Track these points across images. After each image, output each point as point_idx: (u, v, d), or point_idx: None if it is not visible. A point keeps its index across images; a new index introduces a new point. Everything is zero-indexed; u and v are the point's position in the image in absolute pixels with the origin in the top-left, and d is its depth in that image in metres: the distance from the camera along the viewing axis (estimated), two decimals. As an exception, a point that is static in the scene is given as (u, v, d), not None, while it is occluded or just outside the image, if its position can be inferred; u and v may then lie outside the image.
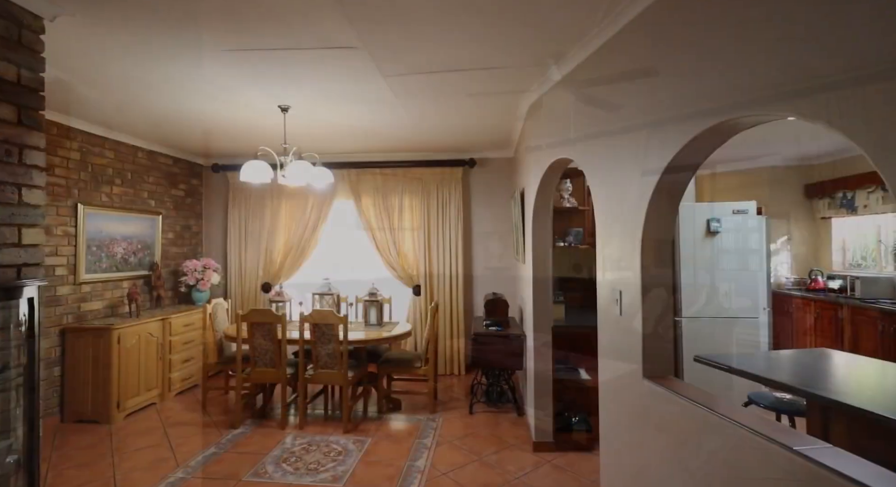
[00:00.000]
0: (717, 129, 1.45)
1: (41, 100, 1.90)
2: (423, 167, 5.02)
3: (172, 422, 3.62)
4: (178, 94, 3.10)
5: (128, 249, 4.29)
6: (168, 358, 4.15)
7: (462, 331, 4.96)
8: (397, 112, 3.50)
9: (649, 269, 1.84)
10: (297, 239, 5.13)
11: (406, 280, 5.02)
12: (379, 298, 4.05)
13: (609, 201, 2.10)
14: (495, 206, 5.11)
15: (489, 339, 3.59)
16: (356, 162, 5.08)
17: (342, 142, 4.57)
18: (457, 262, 4.97)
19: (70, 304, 3.71)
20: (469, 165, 5.03)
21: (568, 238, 3.58)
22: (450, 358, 4.99)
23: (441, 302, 4.97)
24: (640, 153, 1.83)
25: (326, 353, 3.48)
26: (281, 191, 5.17)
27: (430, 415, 3.76)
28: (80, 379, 3.61)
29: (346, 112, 3.48)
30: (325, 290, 4.04)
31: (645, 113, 1.80)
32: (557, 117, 2.70)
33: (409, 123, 3.85)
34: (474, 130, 4.12)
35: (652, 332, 1.84)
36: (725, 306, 3.32)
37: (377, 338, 3.65)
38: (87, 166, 3.88)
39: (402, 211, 5.07)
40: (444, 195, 5.02)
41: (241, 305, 5.19)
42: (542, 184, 3.01)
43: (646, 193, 1.79)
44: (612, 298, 2.09)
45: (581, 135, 2.38)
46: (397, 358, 3.89)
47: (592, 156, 2.26)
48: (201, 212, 5.40)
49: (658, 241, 1.84)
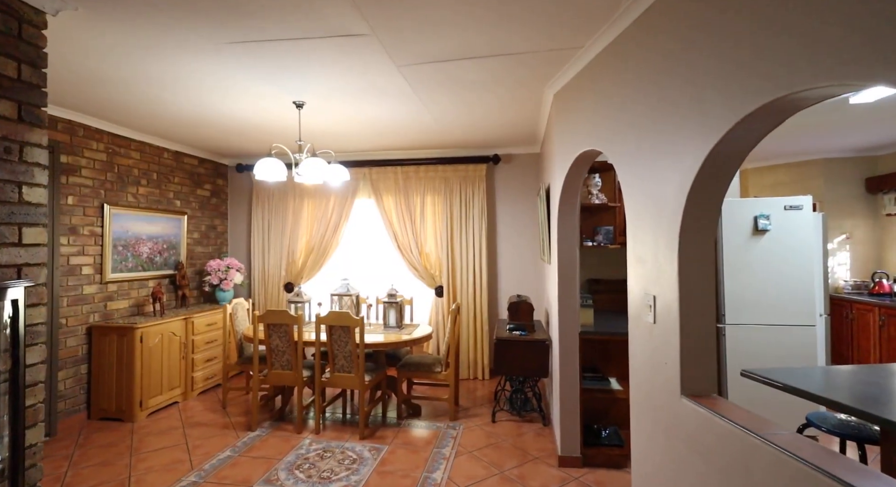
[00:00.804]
0: (774, 107, 1.22)
1: (43, 96, 1.85)
2: (445, 164, 4.87)
3: (192, 422, 3.62)
4: (192, 93, 3.06)
5: (153, 249, 4.34)
6: (191, 357, 4.17)
7: (485, 335, 4.77)
8: (415, 106, 3.36)
9: (688, 272, 1.61)
10: (318, 238, 5.08)
11: (428, 281, 4.88)
12: (398, 300, 3.92)
13: (641, 195, 1.88)
14: (521, 204, 4.90)
15: (512, 344, 3.39)
16: (377, 160, 4.99)
17: (361, 140, 4.47)
18: (481, 263, 4.79)
19: (96, 303, 3.77)
20: (493, 162, 4.84)
21: (597, 237, 3.33)
22: (473, 362, 4.81)
23: (464, 304, 4.80)
24: (679, 139, 1.60)
25: (343, 356, 3.38)
26: (303, 190, 5.14)
27: (451, 423, 3.60)
28: (105, 377, 3.66)
29: (362, 107, 3.37)
30: (344, 291, 3.95)
31: (685, 93, 1.58)
32: (584, 105, 2.48)
33: (428, 118, 3.70)
34: (498, 124, 3.93)
35: (692, 344, 1.61)
36: (775, 312, 2.98)
37: (395, 342, 3.52)
38: (113, 167, 3.94)
39: (424, 210, 4.93)
40: (468, 193, 4.85)
41: (265, 305, 5.19)
42: (569, 179, 2.79)
43: (684, 185, 1.56)
44: (644, 304, 1.86)
45: (610, 122, 2.16)
46: (417, 361, 3.75)
47: (623, 146, 2.03)
48: (226, 212, 5.44)
49: (698, 240, 1.61)
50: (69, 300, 3.54)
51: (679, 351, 1.61)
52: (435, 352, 4.90)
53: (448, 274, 4.82)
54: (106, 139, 3.87)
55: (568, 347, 2.92)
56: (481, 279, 4.79)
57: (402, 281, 5.06)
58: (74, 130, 3.59)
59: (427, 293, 5.03)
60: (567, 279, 2.95)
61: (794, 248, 2.96)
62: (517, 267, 4.90)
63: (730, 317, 3.05)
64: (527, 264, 4.88)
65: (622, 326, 3.08)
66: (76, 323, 3.60)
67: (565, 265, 2.96)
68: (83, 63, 2.59)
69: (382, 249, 5.13)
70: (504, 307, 4.92)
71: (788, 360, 2.91)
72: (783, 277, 2.97)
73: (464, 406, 3.99)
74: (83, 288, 3.66)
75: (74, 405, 3.59)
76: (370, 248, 5.19)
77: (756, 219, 3.04)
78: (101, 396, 3.66)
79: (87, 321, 3.69)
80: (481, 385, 4.63)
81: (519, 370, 3.40)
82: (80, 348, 3.63)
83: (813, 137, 4.18)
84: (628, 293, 2.03)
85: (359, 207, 5.16)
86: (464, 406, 3.99)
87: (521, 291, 4.90)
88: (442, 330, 4.85)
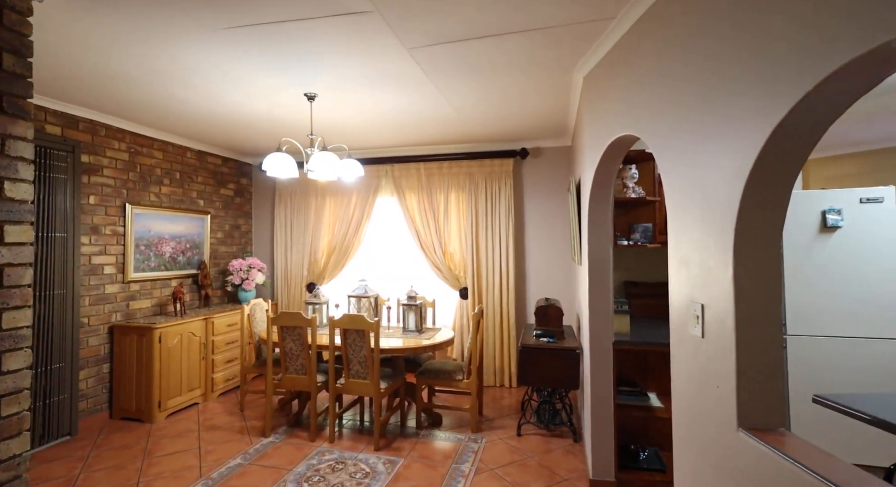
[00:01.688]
0: (866, 62, 0.92)
1: (28, 87, 1.76)
2: (469, 159, 4.63)
3: (208, 425, 3.55)
4: (200, 86, 2.96)
5: (176, 248, 4.33)
6: (211, 358, 4.12)
7: (512, 340, 4.49)
8: (432, 95, 3.14)
9: (747, 276, 1.31)
10: (340, 238, 4.95)
11: (452, 282, 4.65)
12: (418, 302, 3.72)
13: (686, 186, 1.58)
14: (551, 201, 4.59)
15: (539, 352, 3.12)
16: (398, 156, 4.80)
17: (381, 136, 4.30)
18: (507, 263, 4.51)
19: (118, 302, 3.77)
20: (521, 156, 4.55)
21: (633, 235, 3.00)
22: (499, 369, 4.54)
23: (490, 307, 4.55)
24: (735, 114, 1.30)
25: (358, 361, 3.20)
26: (324, 188, 5.04)
27: (473, 435, 3.36)
28: (126, 376, 3.65)
29: (376, 98, 3.18)
30: (362, 293, 3.78)
31: (746, 53, 1.28)
32: (618, 85, 2.18)
33: (448, 109, 3.47)
34: (523, 115, 3.65)
35: (752, 365, 1.30)
36: (851, 322, 2.55)
37: (413, 347, 3.31)
38: (135, 166, 3.94)
39: (447, 207, 4.71)
40: (494, 189, 4.58)
41: (287, 306, 5.12)
42: (601, 170, 2.49)
43: (742, 171, 1.26)
44: (689, 314, 1.56)
45: (649, 102, 1.86)
46: (437, 368, 3.53)
47: (664, 129, 1.73)
48: (251, 212, 5.42)
49: (760, 238, 1.31)
50: (91, 299, 3.55)
51: (735, 374, 1.31)
52: (460, 357, 4.67)
53: (473, 275, 4.58)
54: (128, 138, 3.87)
55: (600, 358, 2.62)
56: (508, 280, 4.51)
57: (425, 282, 4.86)
58: (96, 130, 3.60)
59: (451, 295, 4.80)
60: (599, 282, 2.65)
61: (873, 247, 2.53)
62: (546, 269, 4.59)
63: (791, 327, 2.64)
64: (556, 265, 4.57)
65: (663, 336, 2.74)
66: (98, 323, 3.60)
67: (597, 266, 2.66)
68: (87, 57, 2.52)
69: (405, 249, 4.95)
70: (532, 309, 4.62)
71: (868, 381, 2.48)
72: (860, 280, 2.54)
73: (488, 416, 3.74)
74: (105, 287, 3.66)
75: (96, 404, 3.60)
76: (393, 248, 5.02)
77: (824, 214, 2.62)
78: (122, 396, 3.66)
79: (109, 320, 3.70)
80: (508, 393, 4.36)
81: (546, 381, 3.12)
82: (102, 347, 3.63)
83: (890, 121, 3.65)
84: (670, 300, 1.73)
85: (381, 205, 5.00)
86: (488, 416, 3.74)
87: (551, 294, 4.59)
88: (467, 334, 4.61)
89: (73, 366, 3.35)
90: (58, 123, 3.32)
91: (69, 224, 3.33)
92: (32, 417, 3.09)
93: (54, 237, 3.22)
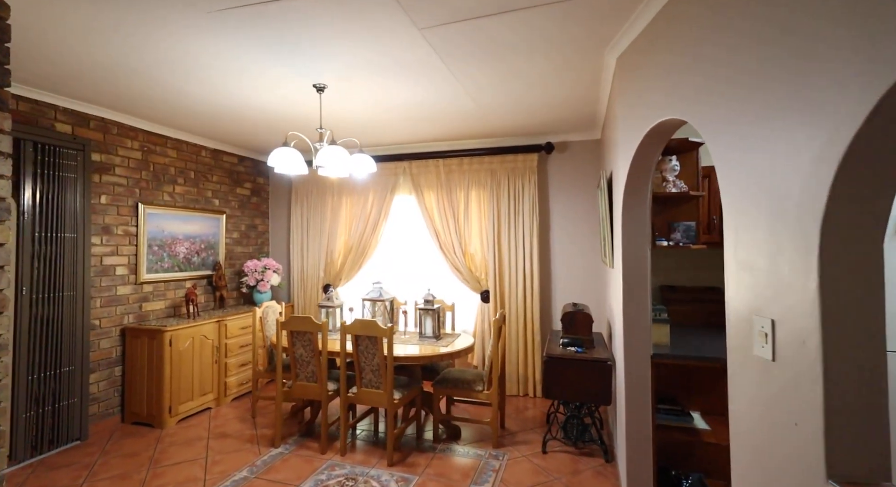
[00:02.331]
0: None
1: (5, 74, 1.62)
2: (491, 155, 4.38)
3: (218, 433, 3.42)
4: (203, 78, 2.82)
5: (190, 249, 4.25)
6: (224, 361, 4.01)
7: (537, 347, 4.22)
8: (449, 84, 2.91)
9: (838, 286, 1.03)
10: (357, 238, 4.79)
11: (473, 284, 4.41)
12: (436, 306, 3.50)
13: (748, 176, 1.30)
14: (579, 199, 4.29)
15: (566, 364, 2.85)
16: (417, 153, 4.60)
17: (397, 131, 4.10)
18: (531, 265, 4.24)
19: (131, 304, 3.69)
20: (546, 151, 4.27)
21: (674, 235, 2.70)
22: (522, 378, 4.27)
23: (513, 312, 4.28)
24: (819, 84, 1.02)
25: (370, 370, 3.00)
26: (341, 187, 4.88)
27: (494, 451, 3.11)
28: (137, 380, 3.57)
29: (389, 88, 2.98)
30: (376, 296, 3.59)
31: (837, 13, 1.00)
32: (659, 62, 1.90)
33: (466, 100, 3.24)
34: (548, 105, 3.38)
35: (847, 399, 1.02)
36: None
37: (429, 355, 3.09)
38: (148, 165, 3.86)
39: (468, 206, 4.47)
40: (517, 187, 4.32)
41: (304, 309, 4.99)
42: (637, 161, 2.21)
43: (828, 155, 0.98)
44: (753, 330, 1.28)
45: (698, 80, 1.58)
46: (456, 377, 3.30)
47: (718, 109, 1.45)
48: (267, 211, 5.32)
49: (855, 238, 1.03)
50: (102, 301, 3.48)
51: (823, 410, 1.03)
52: (481, 365, 4.42)
53: (495, 277, 4.32)
54: (141, 137, 3.79)
55: (636, 372, 2.33)
56: (532, 283, 4.24)
57: (445, 284, 4.64)
58: (107, 128, 3.53)
59: (472, 298, 4.56)
60: (635, 287, 2.36)
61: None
62: (573, 271, 4.30)
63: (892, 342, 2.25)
64: (584, 267, 4.26)
65: (708, 348, 2.43)
66: (109, 325, 3.53)
67: (632, 269, 2.37)
68: (88, 51, 2.41)
69: (424, 250, 4.74)
70: (558, 315, 4.34)
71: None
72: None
73: (510, 429, 3.49)
74: (117, 288, 3.59)
75: (108, 407, 3.53)
76: (411, 249, 4.82)
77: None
78: (134, 400, 3.58)
79: (122, 322, 3.62)
80: (532, 404, 4.08)
81: (574, 394, 2.85)
82: (113, 350, 3.56)
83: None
84: (727, 312, 1.45)
85: (399, 204, 4.81)
86: (510, 429, 3.49)
87: (579, 298, 4.29)
88: (488, 339, 4.36)
89: (84, 369, 3.28)
90: (68, 121, 3.25)
91: (79, 224, 3.26)
92: (41, 421, 3.03)
93: (64, 237, 3.15)
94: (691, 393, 2.66)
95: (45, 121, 3.12)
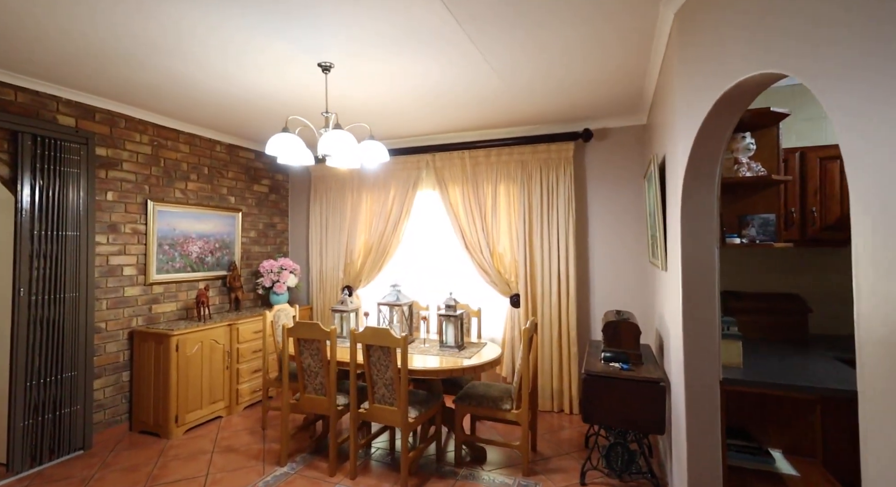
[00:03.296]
0: None
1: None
2: (522, 145, 3.97)
3: (224, 446, 3.18)
4: (201, 59, 2.57)
5: (204, 248, 4.06)
6: (235, 367, 3.79)
7: (573, 357, 3.77)
8: (471, 58, 2.54)
9: None
10: (378, 236, 4.48)
11: (502, 287, 4.01)
12: (458, 312, 3.12)
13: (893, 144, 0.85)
14: (621, 192, 3.81)
15: (609, 383, 2.41)
16: (440, 144, 4.24)
17: (417, 120, 3.76)
18: (567, 266, 3.80)
19: (140, 306, 3.52)
20: (584, 138, 3.82)
21: (748, 230, 2.20)
22: (556, 391, 3.83)
23: (546, 319, 3.85)
24: None
25: (383, 384, 2.67)
26: (361, 183, 4.59)
27: (524, 480, 2.71)
28: (145, 386, 3.38)
29: (404, 67, 2.63)
30: (394, 300, 3.25)
31: None
32: (741, 8, 1.46)
33: (493, 80, 2.85)
34: (586, 83, 2.95)
35: None
36: None
37: (450, 369, 2.73)
38: (159, 161, 3.69)
39: (496, 201, 4.08)
40: (551, 179, 3.89)
41: (322, 312, 4.73)
42: (703, 136, 1.76)
43: None
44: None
45: (812, 13, 1.14)
46: (481, 393, 2.92)
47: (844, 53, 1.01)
48: (287, 209, 5.10)
49: None
50: (108, 302, 3.31)
51: None
52: (510, 375, 4.01)
53: (526, 280, 3.91)
54: (150, 131, 3.62)
55: (702, 399, 1.88)
56: (568, 287, 3.80)
57: (471, 287, 4.26)
58: (115, 121, 3.37)
59: (500, 302, 4.17)
60: (698, 294, 1.91)
61: None
62: (615, 274, 3.82)
63: None
64: (628, 269, 3.78)
65: (790, 372, 1.95)
66: (116, 327, 3.37)
67: (694, 273, 1.92)
68: (84, 34, 2.19)
69: (449, 250, 4.38)
70: (598, 323, 3.87)
71: None
72: None
73: (543, 453, 3.07)
74: (125, 289, 3.42)
75: (115, 415, 3.36)
76: (434, 249, 4.47)
77: None
78: (141, 408, 3.40)
79: (129, 325, 3.45)
80: (567, 422, 3.64)
81: (619, 420, 2.41)
82: (121, 354, 3.39)
83: None
84: (857, 334, 1.00)
85: (421, 200, 4.48)
86: (543, 453, 3.07)
87: (621, 305, 3.81)
88: (518, 347, 3.95)
89: (88, 375, 3.11)
90: (71, 114, 3.10)
91: (83, 221, 3.09)
92: (41, 430, 2.87)
93: (65, 236, 2.99)
94: (767, 425, 2.17)
95: (47, 114, 2.97)
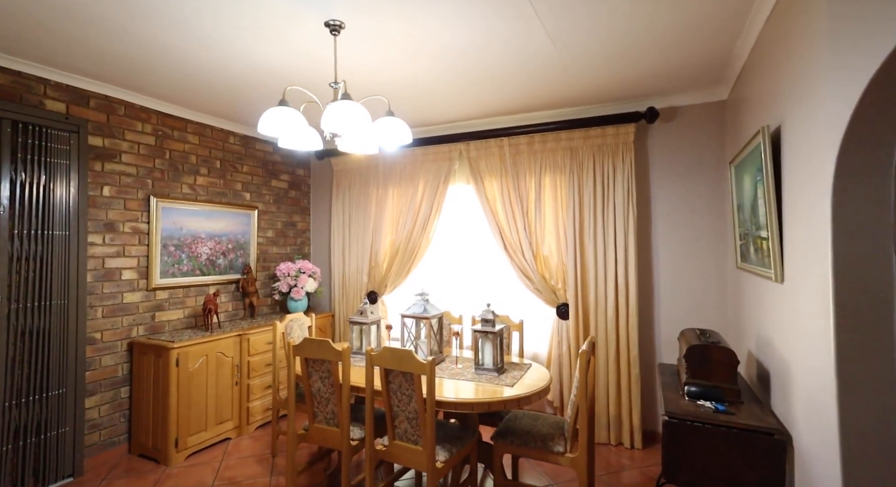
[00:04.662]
0: None
1: None
2: (571, 129, 3.37)
3: (227, 477, 2.76)
4: (195, 27, 2.15)
5: (215, 249, 3.69)
6: (246, 383, 3.39)
7: (633, 380, 3.14)
8: (523, 18, 1.99)
9: None
10: (405, 236, 3.99)
11: (547, 296, 3.43)
12: (498, 327, 2.58)
13: None
14: (695, 182, 3.16)
15: (700, 432, 1.81)
16: (475, 131, 3.71)
17: (448, 100, 3.23)
18: (626, 273, 3.18)
19: (141, 313, 3.18)
20: (647, 119, 3.18)
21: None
22: (615, 420, 3.21)
23: (601, 335, 3.24)
24: None
25: (405, 417, 2.16)
26: (387, 177, 4.12)
27: (582, 545, 2.13)
28: (144, 404, 3.02)
29: (427, 26, 2.11)
30: (420, 311, 2.74)
31: None
32: None
33: (543, 43, 2.29)
34: (661, 48, 2.34)
35: None
36: None
37: (488, 401, 2.18)
38: (164, 153, 3.34)
39: (540, 195, 3.50)
40: (606, 169, 3.28)
41: (344, 322, 4.29)
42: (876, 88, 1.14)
43: None
44: None
45: None
46: (526, 428, 2.36)
47: None
48: (308, 207, 4.70)
49: None
50: (104, 310, 2.97)
51: None
52: (557, 400, 3.42)
53: (576, 287, 3.31)
54: (154, 119, 3.27)
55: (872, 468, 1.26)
56: (627, 297, 3.18)
57: (511, 296, 3.71)
58: (113, 108, 3.03)
59: (546, 312, 3.59)
60: (861, 317, 1.30)
61: None
62: (687, 282, 3.17)
63: None
64: (705, 277, 3.12)
65: None
66: (114, 338, 3.02)
67: (854, 288, 1.31)
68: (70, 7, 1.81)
69: (485, 252, 3.84)
70: (665, 342, 3.23)
71: None
72: None
73: (603, 504, 2.48)
74: (124, 295, 3.08)
75: (112, 435, 3.01)
76: (469, 251, 3.94)
77: None
78: (140, 429, 3.04)
79: (129, 335, 3.11)
80: (629, 459, 3.02)
81: (716, 481, 1.80)
82: (119, 368, 3.05)
83: None
84: None
85: (453, 196, 3.96)
86: (603, 504, 2.48)
87: (695, 321, 3.15)
88: (568, 369, 3.36)
89: (79, 392, 2.77)
90: (62, 99, 2.77)
91: (73, 219, 2.76)
92: (24, 456, 2.53)
93: (51, 235, 2.66)
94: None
95: (32, 98, 2.64)
